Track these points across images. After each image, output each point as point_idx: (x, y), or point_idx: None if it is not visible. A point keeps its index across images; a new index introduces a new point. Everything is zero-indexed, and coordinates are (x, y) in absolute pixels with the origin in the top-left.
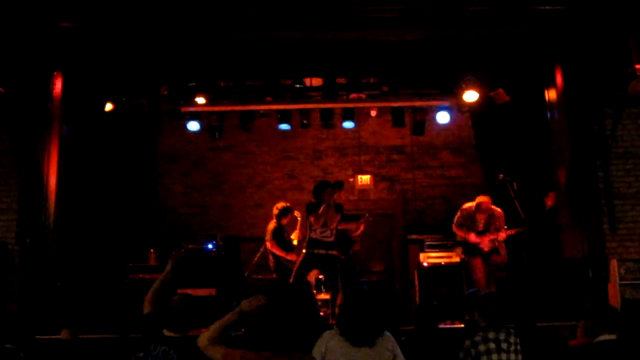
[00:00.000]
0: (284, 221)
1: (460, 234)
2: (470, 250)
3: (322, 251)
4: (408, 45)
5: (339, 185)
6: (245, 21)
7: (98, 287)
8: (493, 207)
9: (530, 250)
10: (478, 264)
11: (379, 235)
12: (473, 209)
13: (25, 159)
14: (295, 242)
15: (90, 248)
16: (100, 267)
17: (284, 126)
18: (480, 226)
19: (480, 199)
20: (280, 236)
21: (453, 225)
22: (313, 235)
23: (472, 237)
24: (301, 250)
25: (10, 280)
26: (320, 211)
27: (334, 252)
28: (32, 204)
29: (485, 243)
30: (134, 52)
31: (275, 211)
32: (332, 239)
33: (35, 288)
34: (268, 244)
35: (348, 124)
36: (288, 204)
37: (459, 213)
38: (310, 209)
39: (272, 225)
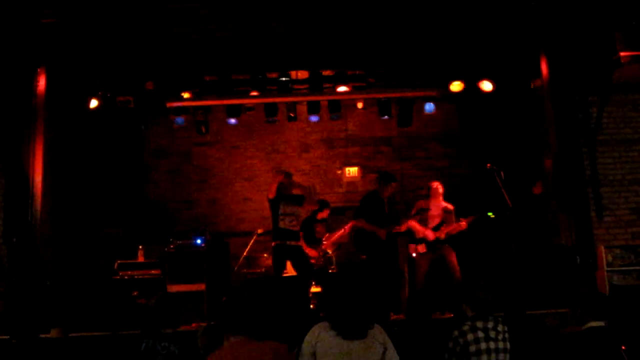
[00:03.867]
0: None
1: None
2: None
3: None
4: (393, 36)
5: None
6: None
7: (87, 285)
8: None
9: (518, 238)
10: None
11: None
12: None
13: (9, 157)
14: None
15: (77, 246)
16: (88, 264)
17: (271, 119)
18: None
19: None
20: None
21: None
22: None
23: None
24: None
25: None
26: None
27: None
28: (18, 203)
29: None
30: (118, 47)
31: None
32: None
33: (23, 287)
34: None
35: (334, 116)
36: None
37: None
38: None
39: None
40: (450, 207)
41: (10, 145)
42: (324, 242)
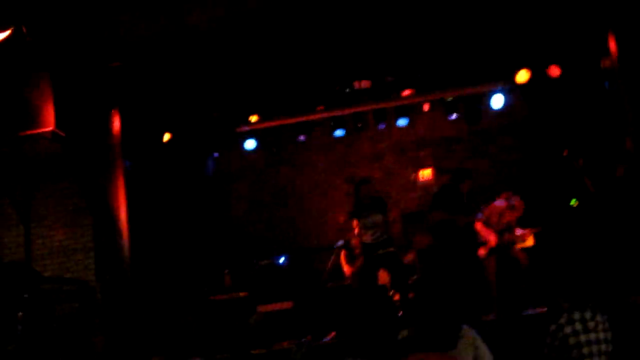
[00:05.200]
0: None
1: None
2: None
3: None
4: (452, 32)
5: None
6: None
7: (180, 313)
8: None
9: (606, 223)
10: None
11: None
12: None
13: (94, 198)
14: None
15: (168, 276)
16: (179, 293)
17: (339, 132)
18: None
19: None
20: None
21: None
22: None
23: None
24: None
25: (94, 316)
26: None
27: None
28: (107, 240)
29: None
30: (182, 81)
31: None
32: (384, 237)
33: (120, 321)
34: None
35: (402, 122)
36: None
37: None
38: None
39: None
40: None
41: (93, 186)
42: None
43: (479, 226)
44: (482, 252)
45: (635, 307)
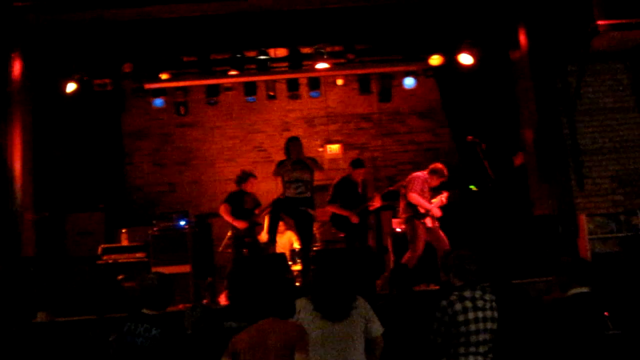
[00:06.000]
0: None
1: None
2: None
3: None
4: (372, 11)
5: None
6: None
7: (72, 269)
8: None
9: (500, 209)
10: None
11: None
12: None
13: None
14: None
15: (60, 230)
16: (73, 249)
17: (250, 98)
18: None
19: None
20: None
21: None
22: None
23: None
24: None
25: None
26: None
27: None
28: None
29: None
30: (94, 29)
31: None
32: (308, 194)
33: (7, 273)
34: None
35: (314, 94)
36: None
37: (416, 181)
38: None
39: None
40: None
41: None
42: None
43: (413, 197)
44: (429, 222)
45: (517, 290)
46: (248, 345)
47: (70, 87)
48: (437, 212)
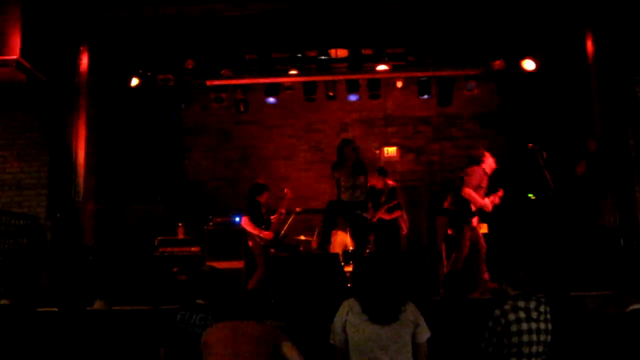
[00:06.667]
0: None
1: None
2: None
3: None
4: (434, 13)
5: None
6: None
7: (129, 260)
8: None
9: (560, 219)
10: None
11: (405, 207)
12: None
13: (54, 135)
14: None
15: (120, 221)
16: (130, 240)
17: (310, 98)
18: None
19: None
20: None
21: (469, 190)
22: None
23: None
24: None
25: (42, 253)
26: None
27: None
28: (62, 179)
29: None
30: (159, 25)
31: None
32: (362, 198)
33: (67, 261)
34: None
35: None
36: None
37: (474, 175)
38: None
39: None
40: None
41: (54, 122)
42: None
43: (468, 193)
44: (475, 222)
45: (574, 302)
46: (217, 340)
47: (134, 81)
48: (489, 208)
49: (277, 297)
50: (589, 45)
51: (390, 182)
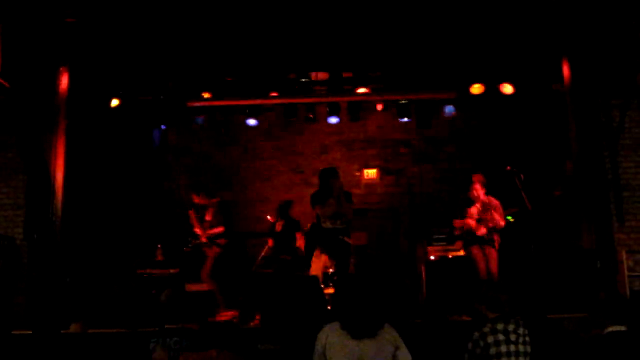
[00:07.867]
0: None
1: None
2: (468, 240)
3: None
4: (413, 38)
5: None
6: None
7: (106, 282)
8: (491, 197)
9: (538, 241)
10: (478, 252)
11: (386, 229)
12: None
13: (31, 155)
14: None
15: (97, 243)
16: (107, 262)
17: (290, 120)
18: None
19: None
20: None
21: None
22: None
23: (471, 222)
24: None
25: (18, 275)
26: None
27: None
28: (39, 200)
29: (481, 230)
30: (139, 47)
31: None
32: (345, 225)
33: (43, 283)
34: None
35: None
36: None
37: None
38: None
39: None
40: (495, 202)
41: (32, 142)
42: None
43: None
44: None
45: (552, 324)
46: None
47: (114, 102)
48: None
49: (265, 319)
50: (566, 70)
51: None
